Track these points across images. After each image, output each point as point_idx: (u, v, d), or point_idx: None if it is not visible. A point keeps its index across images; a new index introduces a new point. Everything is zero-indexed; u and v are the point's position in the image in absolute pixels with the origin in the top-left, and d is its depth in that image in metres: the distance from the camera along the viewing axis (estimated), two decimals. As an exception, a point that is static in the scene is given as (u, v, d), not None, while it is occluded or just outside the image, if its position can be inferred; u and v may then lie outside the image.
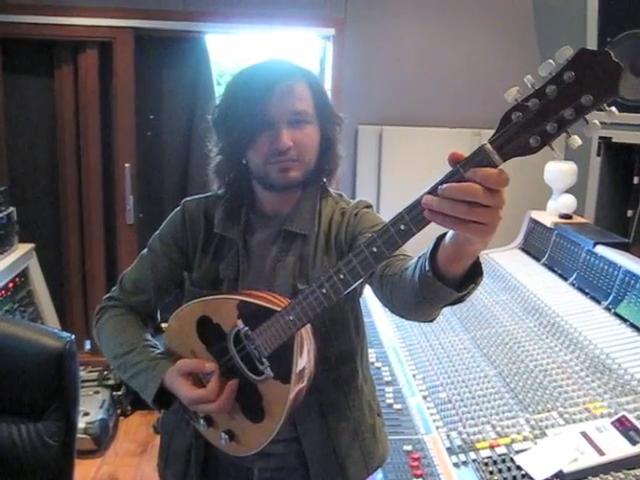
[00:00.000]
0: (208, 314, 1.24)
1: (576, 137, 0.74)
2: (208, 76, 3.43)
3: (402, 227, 0.86)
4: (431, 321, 1.10)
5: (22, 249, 3.18)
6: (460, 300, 0.95)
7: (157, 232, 1.40)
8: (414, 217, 0.84)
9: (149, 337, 1.35)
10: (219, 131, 1.29)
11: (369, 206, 1.34)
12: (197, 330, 1.26)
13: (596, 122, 0.73)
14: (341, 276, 0.99)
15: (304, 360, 1.16)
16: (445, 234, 0.87)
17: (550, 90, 0.73)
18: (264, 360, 1.16)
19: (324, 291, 1.02)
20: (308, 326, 1.16)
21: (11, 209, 3.12)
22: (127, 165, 3.40)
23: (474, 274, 0.91)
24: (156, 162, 3.55)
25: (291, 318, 1.09)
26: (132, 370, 1.28)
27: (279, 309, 1.11)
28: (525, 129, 0.75)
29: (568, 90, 0.72)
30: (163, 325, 1.34)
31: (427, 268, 0.90)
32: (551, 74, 0.73)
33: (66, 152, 3.43)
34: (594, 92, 0.71)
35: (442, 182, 0.79)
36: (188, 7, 3.23)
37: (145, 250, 1.41)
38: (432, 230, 0.86)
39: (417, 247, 0.97)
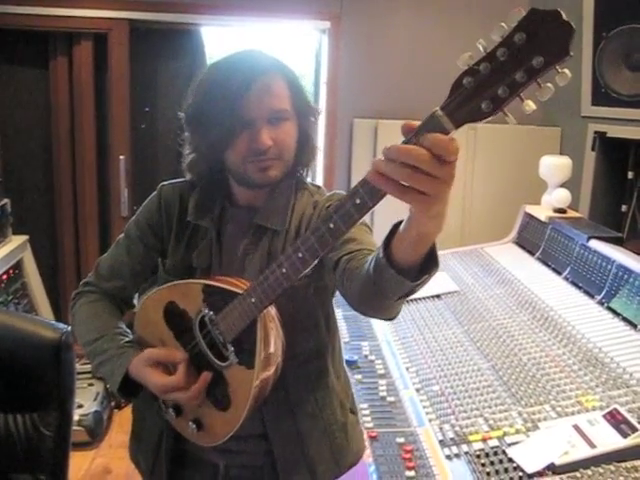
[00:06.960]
0: (175, 300, 1.23)
1: (530, 102, 0.71)
2: (204, 69, 3.41)
3: (357, 201, 0.83)
4: (390, 319, 1.07)
5: (16, 241, 3.17)
6: (412, 292, 0.92)
7: (133, 217, 1.39)
8: (368, 190, 0.81)
9: (121, 324, 1.34)
10: (193, 129, 1.26)
11: None
12: (164, 317, 1.25)
13: (549, 85, 0.70)
14: (299, 255, 0.97)
15: (270, 347, 1.14)
16: (402, 222, 0.85)
17: (501, 53, 0.70)
18: (228, 345, 1.15)
19: (284, 271, 1.01)
20: (275, 313, 1.15)
21: (5, 201, 3.11)
22: (122, 157, 3.39)
23: (430, 266, 0.88)
24: (151, 155, 3.54)
25: (253, 300, 1.08)
26: (100, 358, 1.27)
27: (242, 292, 1.10)
28: (476, 94, 0.72)
29: (519, 52, 0.69)
30: None
31: (381, 255, 0.88)
32: (503, 37, 0.71)
33: (61, 144, 3.42)
34: (545, 53, 0.68)
35: None
36: (184, -1, 3.22)
37: (121, 235, 1.40)
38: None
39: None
